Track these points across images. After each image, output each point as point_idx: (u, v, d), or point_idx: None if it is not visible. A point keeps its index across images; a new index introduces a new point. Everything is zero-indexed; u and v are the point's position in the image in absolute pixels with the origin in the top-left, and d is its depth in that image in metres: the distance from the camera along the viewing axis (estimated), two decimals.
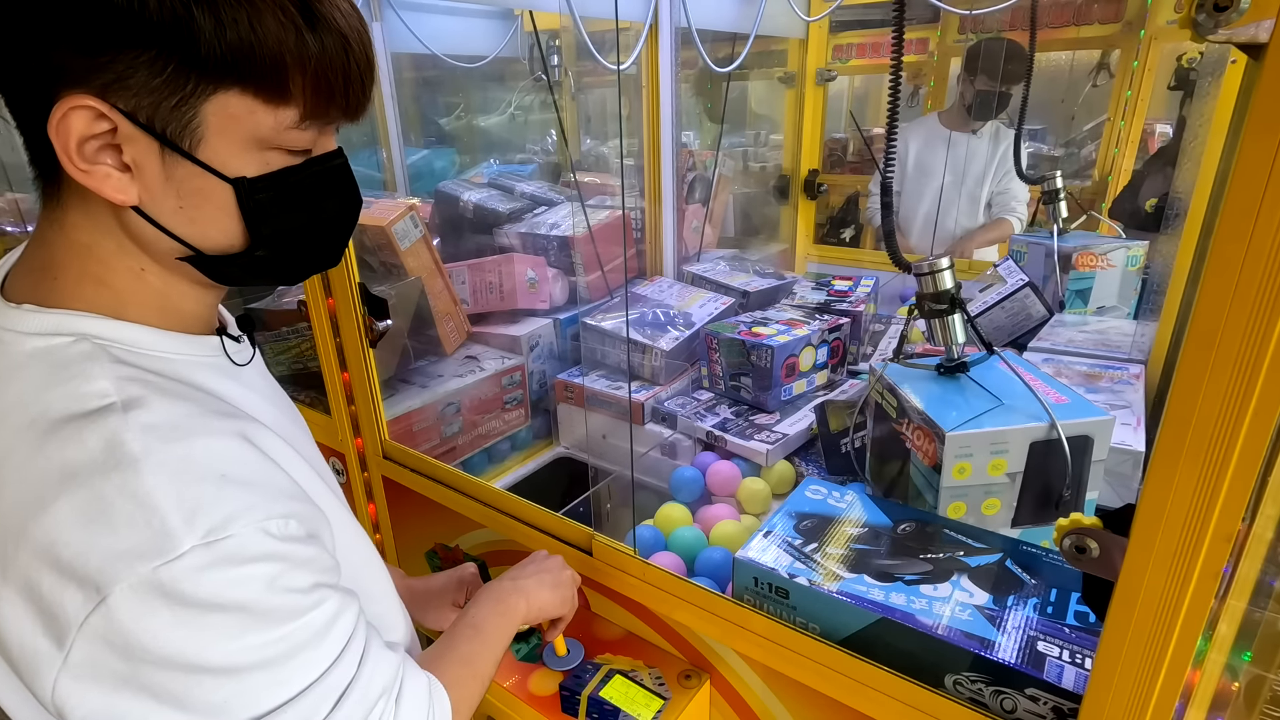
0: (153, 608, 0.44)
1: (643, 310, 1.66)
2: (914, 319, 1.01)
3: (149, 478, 0.45)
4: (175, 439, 0.48)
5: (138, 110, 0.47)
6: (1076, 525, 0.60)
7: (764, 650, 0.88)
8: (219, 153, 0.50)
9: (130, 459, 0.45)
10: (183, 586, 0.44)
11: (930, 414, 0.90)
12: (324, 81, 0.50)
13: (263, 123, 0.50)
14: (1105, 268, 1.49)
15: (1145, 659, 0.56)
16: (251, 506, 0.48)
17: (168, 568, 0.44)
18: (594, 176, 2.14)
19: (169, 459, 0.47)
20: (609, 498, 1.30)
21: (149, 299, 0.55)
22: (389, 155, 2.38)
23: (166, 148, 0.49)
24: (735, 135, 2.51)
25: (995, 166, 2.22)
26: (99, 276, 0.53)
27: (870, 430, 1.10)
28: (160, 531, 0.44)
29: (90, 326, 0.52)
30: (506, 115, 2.64)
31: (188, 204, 0.51)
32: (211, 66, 0.47)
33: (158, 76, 0.46)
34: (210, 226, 0.53)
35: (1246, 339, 0.46)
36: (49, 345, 0.50)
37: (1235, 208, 0.45)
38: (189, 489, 0.46)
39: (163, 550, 0.44)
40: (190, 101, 0.47)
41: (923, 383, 1.00)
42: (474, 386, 1.55)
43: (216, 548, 0.46)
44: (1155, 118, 2.24)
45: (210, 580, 0.45)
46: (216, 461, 0.49)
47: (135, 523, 0.44)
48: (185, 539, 0.44)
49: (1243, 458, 0.48)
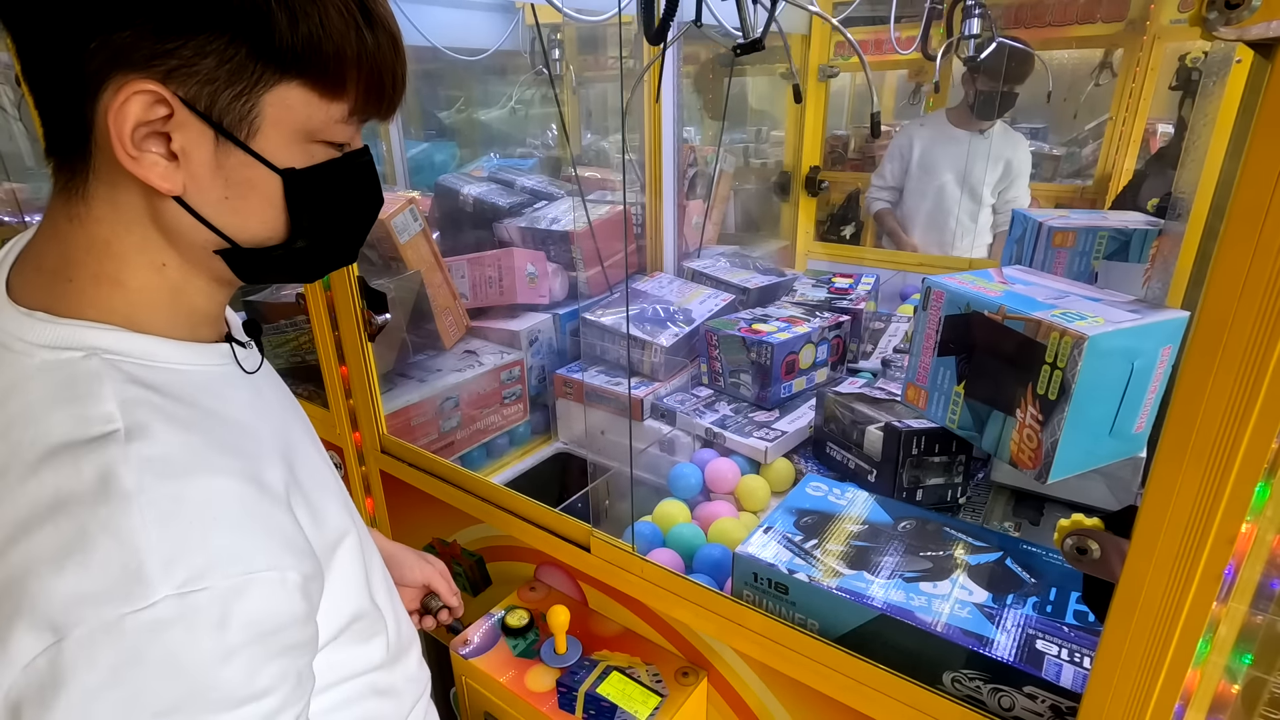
0: (97, 661, 0.41)
1: (643, 306, 1.65)
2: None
3: (136, 516, 0.43)
4: (173, 476, 0.46)
5: (197, 98, 0.46)
6: (1078, 526, 0.60)
7: (761, 648, 0.88)
8: (271, 144, 0.50)
9: (122, 494, 0.44)
10: (142, 643, 0.42)
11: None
12: (376, 78, 0.51)
13: (315, 116, 0.50)
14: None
15: (1145, 660, 0.56)
16: (239, 556, 0.46)
17: (134, 616, 0.42)
18: (594, 171, 2.14)
19: (161, 497, 0.45)
20: (607, 494, 1.30)
21: (163, 299, 0.53)
22: (389, 148, 2.37)
23: (221, 137, 0.48)
24: (737, 131, 2.50)
25: (1002, 169, 2.22)
26: (115, 276, 0.51)
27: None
28: (134, 575, 0.42)
29: (102, 340, 0.50)
30: (507, 109, 2.63)
31: (234, 194, 0.51)
32: (280, 58, 0.47)
33: (225, 64, 0.46)
34: (252, 218, 0.52)
35: (1252, 340, 0.45)
36: (59, 360, 0.49)
37: (1242, 209, 0.44)
38: (175, 531, 0.44)
39: (131, 596, 0.42)
40: (252, 92, 0.47)
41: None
42: (473, 381, 1.55)
43: (190, 600, 0.43)
44: (1157, 117, 2.24)
45: (168, 640, 0.43)
46: (213, 503, 0.47)
47: (110, 563, 0.42)
48: (160, 587, 0.43)
49: (1246, 460, 0.48)
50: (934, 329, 0.96)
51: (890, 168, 2.38)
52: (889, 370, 1.45)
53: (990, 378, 0.90)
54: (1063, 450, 0.82)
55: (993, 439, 0.91)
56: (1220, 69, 0.91)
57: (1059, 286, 0.93)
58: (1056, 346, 0.79)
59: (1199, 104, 0.93)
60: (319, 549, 0.56)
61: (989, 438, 0.92)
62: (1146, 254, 1.12)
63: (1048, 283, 0.95)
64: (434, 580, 0.92)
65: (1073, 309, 0.84)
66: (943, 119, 2.30)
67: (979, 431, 0.93)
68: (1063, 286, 0.93)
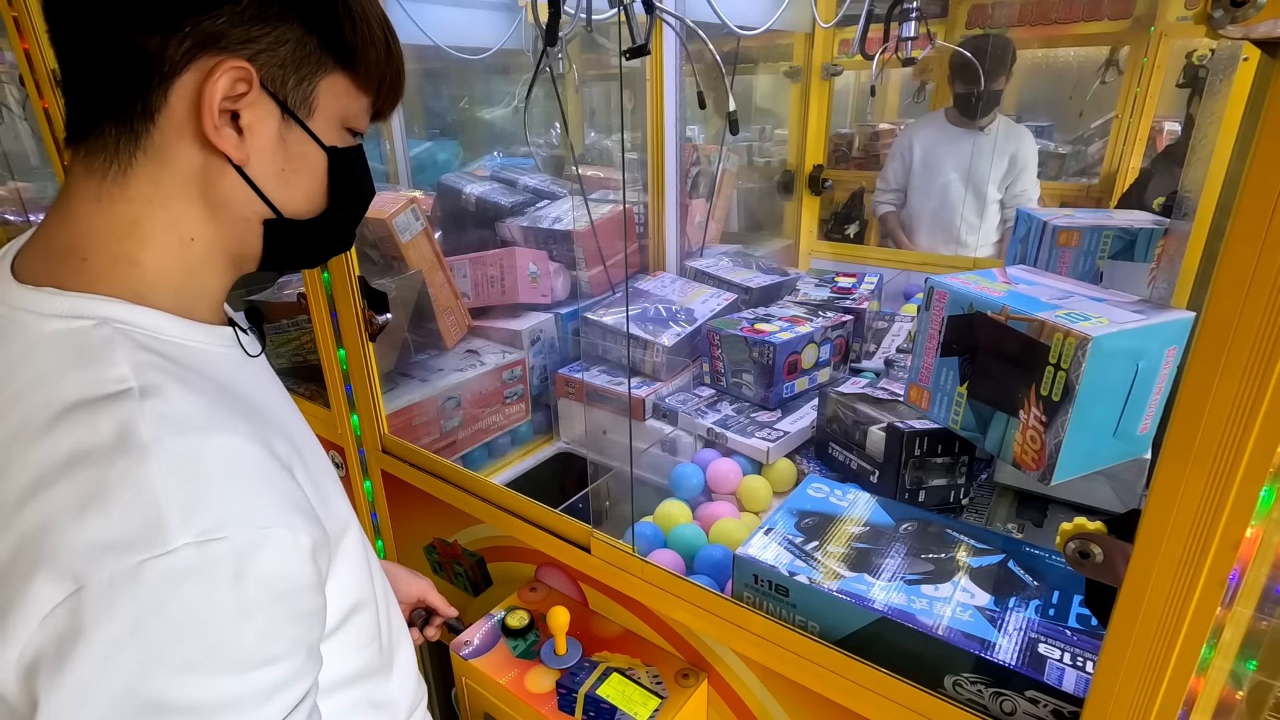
0: (116, 610, 0.42)
1: (644, 305, 1.65)
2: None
3: (154, 466, 0.44)
4: (189, 431, 0.47)
5: (271, 79, 0.53)
6: (1080, 530, 0.59)
7: (762, 650, 0.87)
8: (321, 125, 0.57)
9: (140, 445, 0.45)
10: (161, 591, 0.43)
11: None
12: (393, 80, 0.61)
13: (352, 105, 0.59)
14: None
15: (1148, 666, 0.56)
16: (255, 513, 0.47)
17: (153, 563, 0.42)
18: (597, 170, 2.13)
19: (178, 451, 0.46)
20: (608, 494, 1.29)
21: (176, 278, 0.55)
22: (392, 147, 2.37)
23: (286, 115, 0.55)
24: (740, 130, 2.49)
25: (1007, 164, 2.20)
26: (133, 255, 0.53)
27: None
28: (154, 523, 0.43)
29: (113, 311, 0.51)
30: (510, 108, 2.62)
31: (289, 167, 0.57)
32: (341, 52, 0.56)
33: (300, 50, 0.54)
34: (300, 190, 0.59)
35: (1258, 341, 0.45)
36: (70, 328, 0.50)
37: (1249, 208, 0.44)
38: (193, 483, 0.45)
39: (151, 543, 0.43)
40: (314, 78, 0.55)
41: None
42: (474, 380, 1.54)
43: (209, 549, 0.44)
44: (1163, 115, 2.22)
45: (188, 591, 0.43)
46: (228, 460, 0.48)
47: (130, 511, 0.43)
48: (179, 534, 0.43)
49: (1252, 463, 0.47)
50: (937, 329, 0.96)
51: (893, 170, 2.38)
52: (892, 370, 1.45)
53: (993, 378, 0.90)
54: (1066, 452, 0.81)
55: (996, 440, 0.90)
56: (1227, 67, 0.90)
57: (1063, 286, 0.93)
58: (1060, 347, 0.79)
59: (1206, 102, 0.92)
60: (327, 530, 0.56)
61: (992, 439, 0.91)
62: (1152, 254, 1.11)
63: (1052, 283, 0.94)
64: (429, 594, 0.95)
65: (1077, 309, 0.83)
66: (942, 118, 2.29)
67: (982, 432, 0.92)
68: (1067, 286, 0.93)
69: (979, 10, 2.42)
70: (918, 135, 2.32)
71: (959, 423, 0.96)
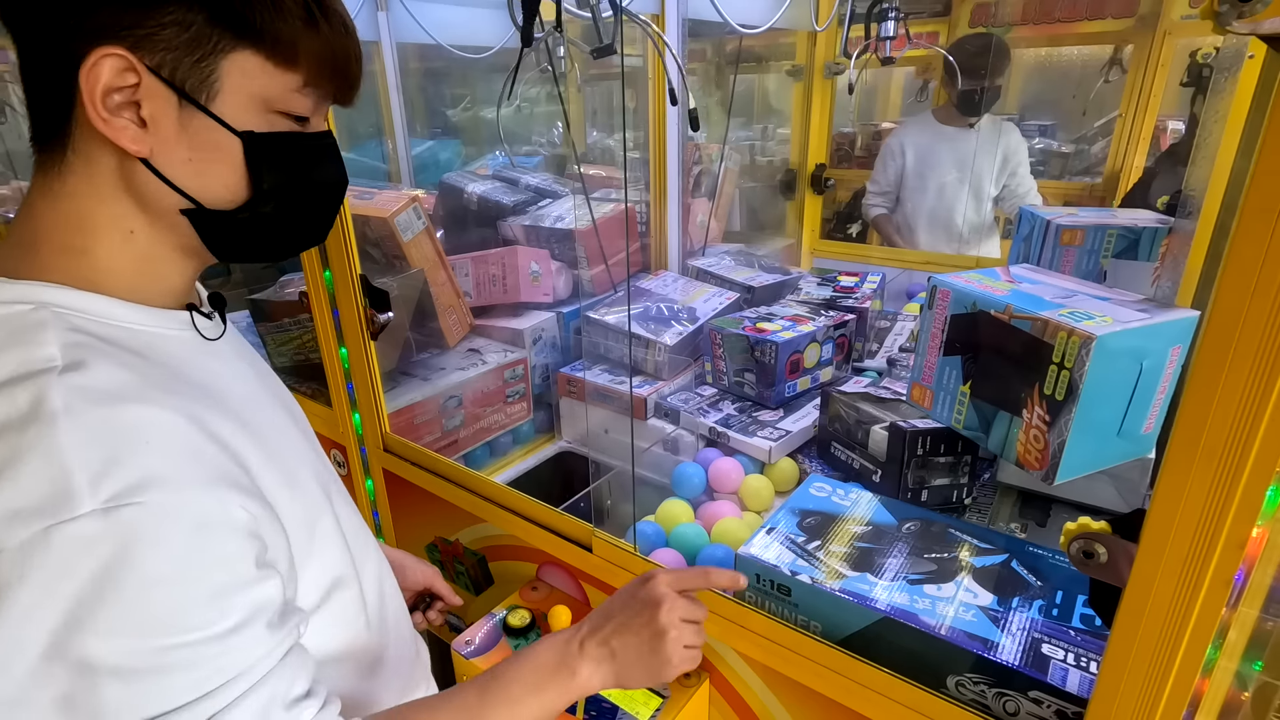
0: (30, 575, 0.43)
1: (646, 304, 1.64)
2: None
3: (63, 435, 0.45)
4: (103, 402, 0.48)
5: (161, 65, 0.51)
6: (1084, 530, 0.59)
7: (764, 650, 0.87)
8: (231, 108, 0.54)
9: (50, 414, 0.45)
10: (70, 555, 0.43)
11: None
12: (327, 53, 0.56)
13: (271, 84, 0.54)
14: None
15: (1153, 666, 0.55)
16: (167, 480, 0.47)
17: (61, 529, 0.43)
18: (599, 169, 2.13)
19: (90, 420, 0.46)
20: (610, 493, 1.29)
21: (128, 267, 0.56)
22: (394, 146, 2.37)
23: (184, 101, 0.52)
24: (742, 129, 2.49)
25: (1000, 161, 2.20)
26: (82, 246, 0.55)
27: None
28: (62, 490, 0.43)
29: (54, 296, 0.53)
30: (512, 107, 2.62)
31: (197, 156, 0.54)
32: (234, 25, 0.51)
33: (185, 32, 0.50)
34: (215, 180, 0.55)
35: (1264, 340, 0.44)
36: (10, 313, 0.51)
37: (1255, 206, 0.43)
38: (102, 451, 0.45)
39: (59, 509, 0.43)
40: (211, 58, 0.52)
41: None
42: (476, 380, 1.54)
43: (115, 515, 0.44)
44: (1167, 114, 2.21)
45: (99, 555, 0.43)
46: (142, 429, 0.48)
47: (39, 479, 0.44)
48: (85, 501, 0.43)
49: (1258, 462, 0.47)
50: (940, 328, 0.95)
51: (884, 173, 2.36)
52: (894, 370, 1.44)
53: (997, 378, 0.89)
54: (1070, 451, 0.81)
55: (999, 439, 0.90)
56: (1232, 65, 0.90)
57: (1067, 285, 0.92)
58: (1064, 346, 0.78)
59: (1210, 100, 0.91)
60: (291, 511, 0.58)
61: (995, 438, 0.91)
62: (1156, 252, 1.11)
63: (1055, 281, 0.94)
64: (435, 582, 0.94)
65: (1081, 308, 0.83)
66: (929, 118, 2.28)
67: (985, 432, 0.92)
68: (1071, 285, 0.92)
69: (982, 9, 2.42)
70: (908, 137, 2.31)
71: (962, 422, 0.95)
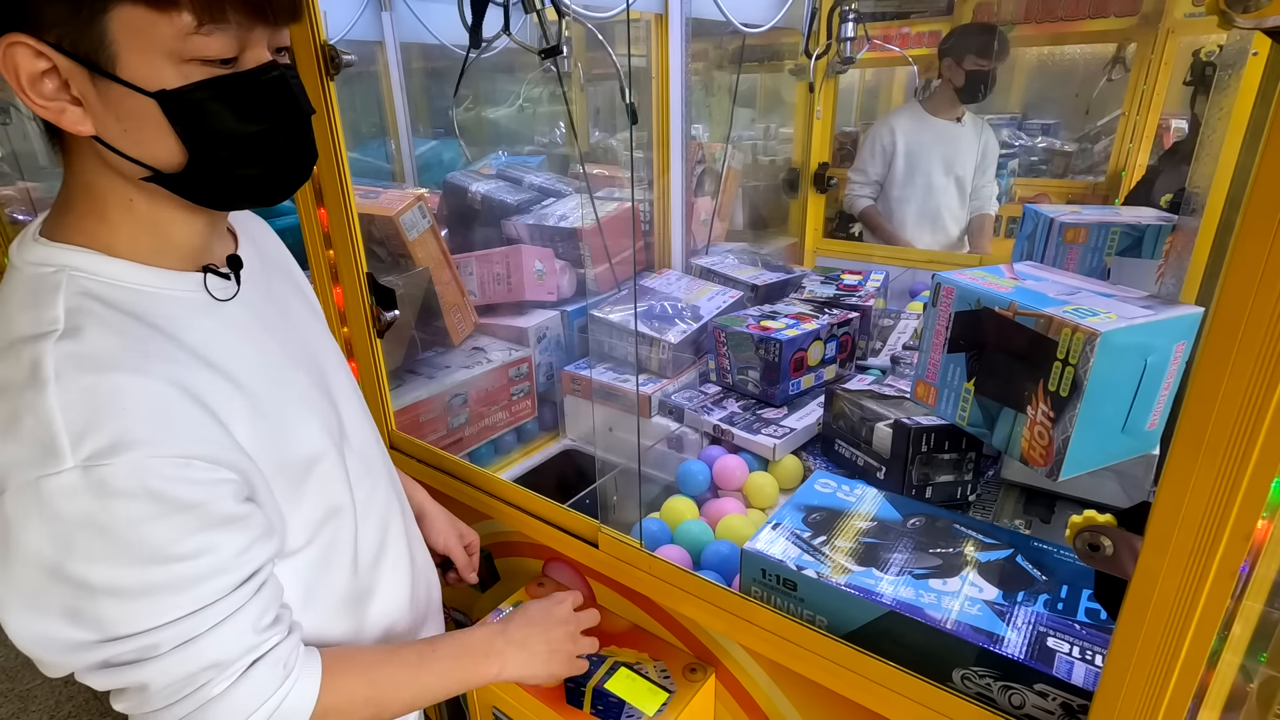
0: (29, 513, 0.51)
1: (650, 303, 1.65)
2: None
3: (52, 399, 0.51)
4: (91, 369, 0.53)
5: (62, 40, 0.51)
6: (1090, 522, 0.60)
7: (770, 645, 0.87)
8: (136, 69, 0.52)
9: (43, 380, 0.52)
10: (56, 501, 0.50)
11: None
12: None
13: (164, 32, 0.51)
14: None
15: (1158, 659, 0.56)
16: (143, 442, 0.52)
17: (48, 480, 0.50)
18: (602, 168, 2.13)
19: (76, 386, 0.52)
20: (615, 490, 1.29)
21: (140, 230, 0.60)
22: (397, 146, 2.37)
23: (93, 72, 0.52)
24: (745, 128, 2.49)
25: (980, 155, 2.21)
26: (99, 212, 0.59)
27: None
28: (49, 447, 0.50)
29: (73, 259, 0.57)
30: (515, 106, 2.62)
31: (128, 125, 0.54)
32: None
33: (64, 2, 0.50)
34: (153, 145, 0.55)
35: (1268, 335, 0.45)
36: (37, 273, 0.57)
37: (1260, 201, 0.44)
38: (84, 415, 0.51)
39: (46, 464, 0.50)
40: (94, 21, 0.50)
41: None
42: (481, 378, 1.55)
43: (93, 473, 0.51)
44: (1170, 112, 2.22)
45: (80, 503, 0.51)
46: (124, 396, 0.53)
47: (33, 436, 0.51)
48: (67, 458, 0.50)
49: (1263, 455, 0.47)
50: (944, 325, 0.96)
51: (872, 163, 2.33)
52: (898, 367, 1.45)
53: (1001, 374, 0.90)
54: (1074, 447, 0.81)
55: (1003, 436, 0.90)
56: (1235, 62, 0.90)
57: (1071, 282, 0.92)
58: (1068, 343, 0.79)
59: (1214, 98, 0.92)
60: (281, 460, 0.63)
61: (999, 435, 0.91)
62: (1160, 250, 1.11)
63: (1059, 279, 0.94)
64: (453, 552, 1.00)
65: (1085, 305, 0.83)
66: (919, 109, 2.27)
67: (989, 429, 0.92)
68: (1075, 282, 0.92)
69: (984, 8, 2.42)
70: (898, 126, 2.29)
71: (966, 419, 0.96)
